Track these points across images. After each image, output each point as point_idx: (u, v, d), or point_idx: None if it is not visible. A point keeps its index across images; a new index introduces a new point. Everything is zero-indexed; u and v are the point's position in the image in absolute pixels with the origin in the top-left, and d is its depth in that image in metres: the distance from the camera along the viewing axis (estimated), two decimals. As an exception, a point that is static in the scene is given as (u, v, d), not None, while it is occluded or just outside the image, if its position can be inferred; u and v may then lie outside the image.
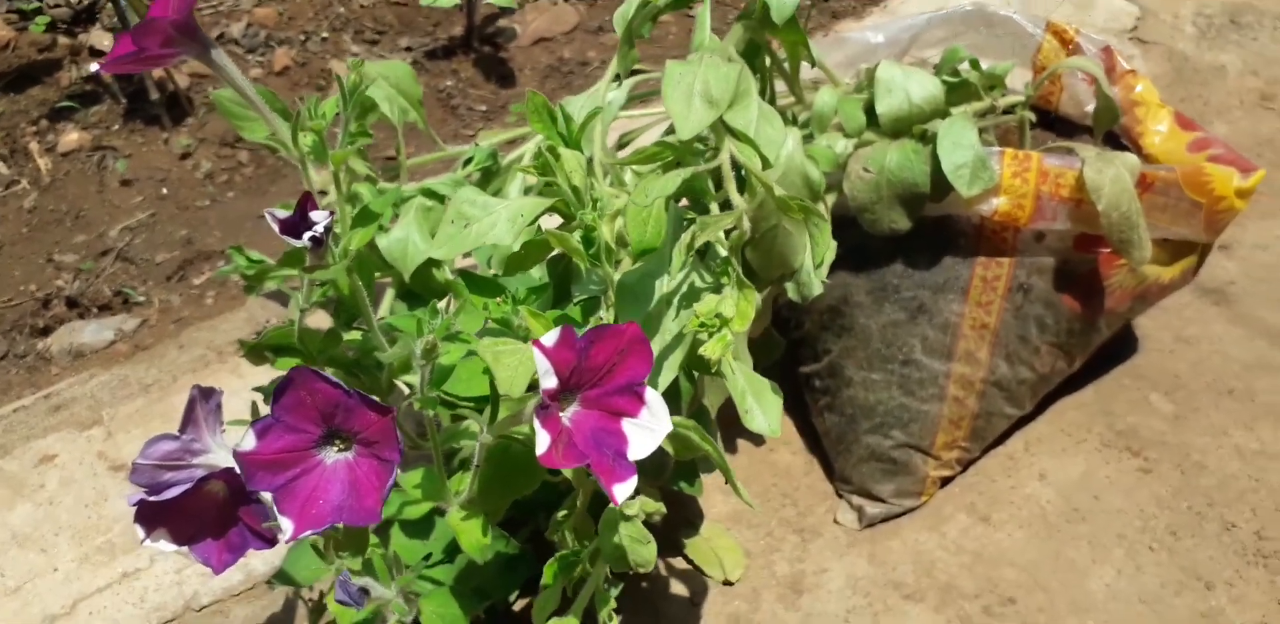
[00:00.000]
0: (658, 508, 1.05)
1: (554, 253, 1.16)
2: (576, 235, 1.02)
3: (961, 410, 1.42)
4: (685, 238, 0.97)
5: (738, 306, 1.00)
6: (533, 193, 1.29)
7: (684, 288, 1.04)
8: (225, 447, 0.95)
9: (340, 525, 0.90)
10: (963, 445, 1.44)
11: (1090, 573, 1.36)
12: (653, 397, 0.85)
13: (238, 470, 0.87)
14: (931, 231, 1.39)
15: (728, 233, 1.02)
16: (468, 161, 1.41)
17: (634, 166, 1.07)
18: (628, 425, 0.85)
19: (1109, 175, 1.31)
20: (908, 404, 1.41)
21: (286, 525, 0.85)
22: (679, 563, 1.39)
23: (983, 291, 1.39)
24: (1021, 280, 1.38)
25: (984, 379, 1.41)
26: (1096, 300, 1.43)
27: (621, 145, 1.54)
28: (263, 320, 1.61)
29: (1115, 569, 1.36)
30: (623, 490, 0.82)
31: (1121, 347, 1.62)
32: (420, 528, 1.18)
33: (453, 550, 1.17)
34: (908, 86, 1.35)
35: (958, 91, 1.41)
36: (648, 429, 0.85)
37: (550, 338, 0.81)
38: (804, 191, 1.11)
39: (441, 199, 1.35)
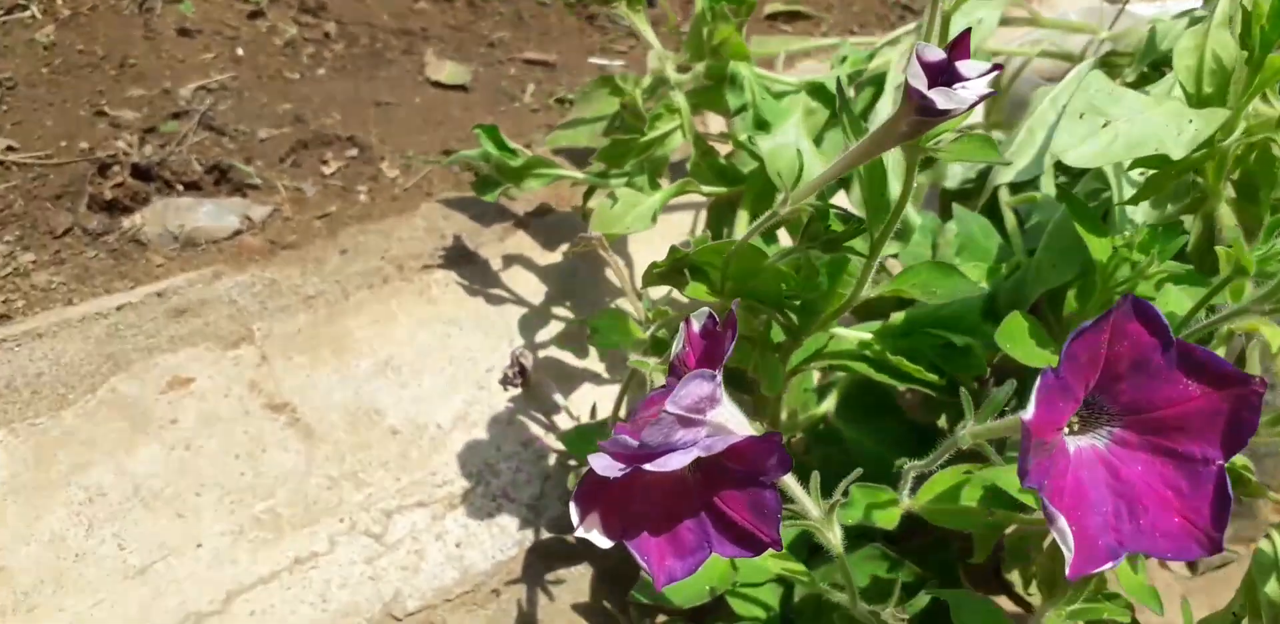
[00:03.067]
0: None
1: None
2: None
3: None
4: None
5: None
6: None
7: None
8: (728, 403, 0.63)
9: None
10: (1296, 485, 1.26)
11: None
12: None
13: (750, 442, 0.58)
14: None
15: None
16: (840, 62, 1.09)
17: None
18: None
19: None
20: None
21: (1065, 551, 0.54)
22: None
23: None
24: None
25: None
26: None
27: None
28: (448, 232, 1.20)
29: None
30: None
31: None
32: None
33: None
34: None
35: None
36: None
37: None
38: None
39: (829, 100, 1.02)
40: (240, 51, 1.45)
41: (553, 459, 1.10)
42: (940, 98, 0.64)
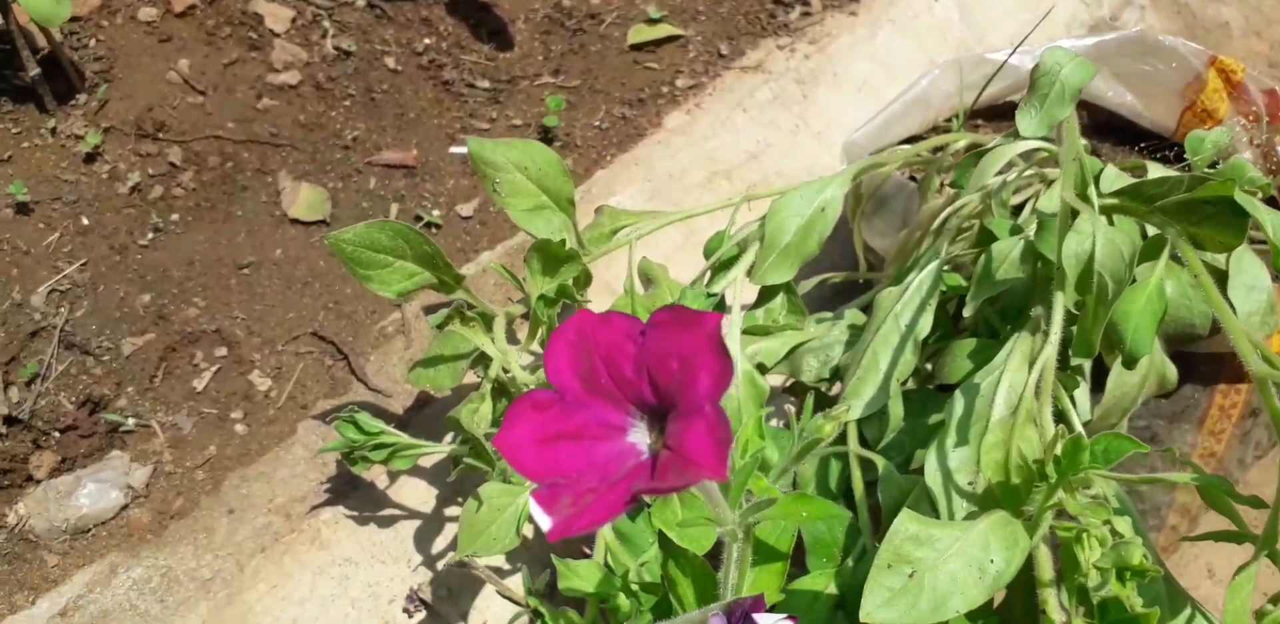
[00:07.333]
0: None
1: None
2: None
3: (1173, 537, 1.32)
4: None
5: None
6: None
7: None
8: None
9: None
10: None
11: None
12: None
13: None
14: (1174, 360, 1.23)
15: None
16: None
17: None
18: None
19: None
20: (1126, 537, 1.30)
21: None
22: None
23: (1218, 420, 1.26)
24: (1255, 404, 1.26)
25: (1201, 505, 1.31)
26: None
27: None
28: (329, 456, 1.22)
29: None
30: None
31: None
32: None
33: None
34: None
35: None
36: None
37: None
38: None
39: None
40: (85, 220, 1.39)
41: (469, 680, 1.19)
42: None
